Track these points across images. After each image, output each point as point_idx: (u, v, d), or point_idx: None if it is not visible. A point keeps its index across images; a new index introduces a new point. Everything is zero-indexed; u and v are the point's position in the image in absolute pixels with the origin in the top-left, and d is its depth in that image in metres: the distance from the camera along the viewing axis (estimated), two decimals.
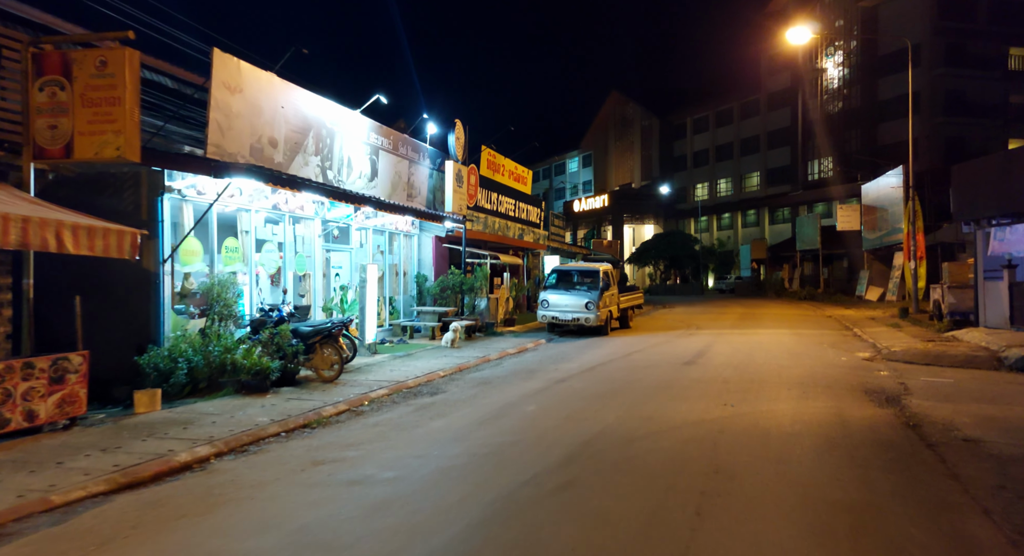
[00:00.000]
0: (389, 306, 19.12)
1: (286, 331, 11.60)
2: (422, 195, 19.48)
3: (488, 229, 23.15)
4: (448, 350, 16.63)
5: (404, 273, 19.97)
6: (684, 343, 18.69)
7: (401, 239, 19.58)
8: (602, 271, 21.33)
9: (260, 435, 8.26)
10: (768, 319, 27.49)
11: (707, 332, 21.96)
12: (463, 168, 20.38)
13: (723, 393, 10.93)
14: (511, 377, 13.03)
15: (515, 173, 26.48)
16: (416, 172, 19.09)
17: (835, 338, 19.87)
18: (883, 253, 35.87)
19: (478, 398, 10.85)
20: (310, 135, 13.99)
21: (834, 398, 10.53)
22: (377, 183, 16.93)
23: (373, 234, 18.14)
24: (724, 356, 15.72)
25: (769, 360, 14.97)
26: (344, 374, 12.76)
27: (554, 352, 17.04)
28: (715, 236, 69.01)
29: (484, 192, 23.31)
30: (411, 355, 15.58)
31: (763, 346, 17.75)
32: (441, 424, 8.93)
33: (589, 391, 11.31)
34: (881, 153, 47.54)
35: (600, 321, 20.56)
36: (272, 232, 14.35)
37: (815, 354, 16.10)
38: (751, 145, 66.70)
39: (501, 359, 15.80)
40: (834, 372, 13.29)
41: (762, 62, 66.02)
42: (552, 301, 20.93)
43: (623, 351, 17.03)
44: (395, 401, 10.75)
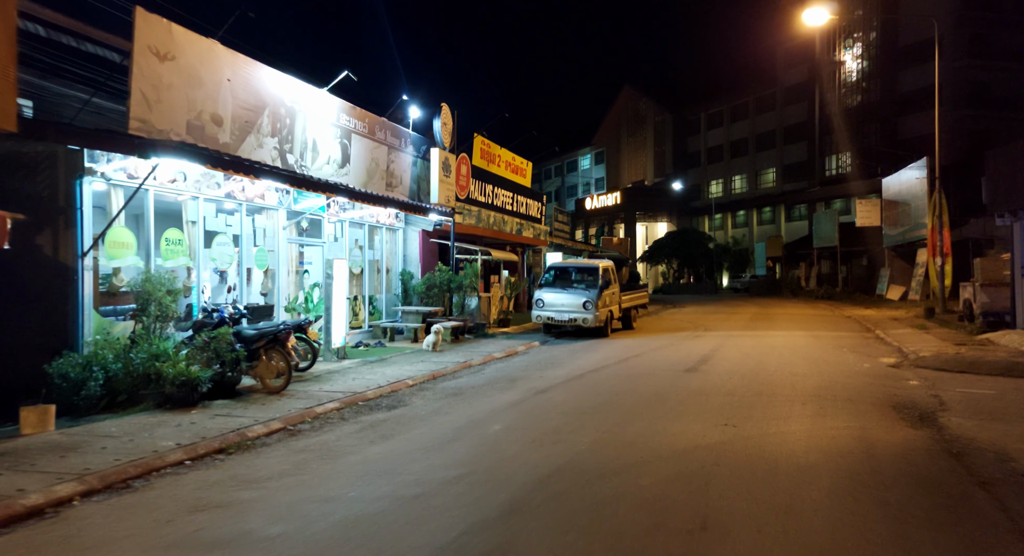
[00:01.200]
0: (370, 306, 17.59)
1: (225, 335, 10.08)
2: (404, 185, 17.92)
3: (482, 223, 21.57)
4: (428, 354, 15.07)
5: (387, 270, 18.43)
6: (689, 346, 17.01)
7: (384, 233, 18.04)
8: (601, 268, 19.69)
9: (154, 465, 6.72)
10: (783, 320, 25.71)
11: (716, 334, 20.25)
12: (451, 156, 18.80)
13: (725, 408, 9.27)
14: (487, 387, 11.44)
15: (513, 164, 24.86)
16: (397, 160, 17.52)
17: (855, 341, 18.10)
18: (905, 250, 33.91)
19: (440, 414, 9.27)
20: (265, 114, 12.47)
21: (857, 416, 8.84)
22: (349, 170, 15.39)
23: (350, 227, 16.61)
24: (731, 362, 14.04)
25: (782, 367, 13.27)
26: (298, 383, 11.23)
27: (545, 356, 15.44)
28: (729, 234, 66.99)
29: (477, 183, 21.73)
30: (384, 360, 14.03)
31: (776, 350, 16.04)
32: (381, 450, 7.35)
33: (570, 405, 9.70)
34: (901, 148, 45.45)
35: (599, 322, 18.93)
36: (226, 223, 12.85)
37: (833, 360, 14.38)
38: (767, 140, 64.64)
39: (484, 365, 14.22)
40: (856, 382, 11.58)
41: (778, 55, 63.95)
42: (548, 300, 19.32)
43: (620, 355, 15.39)
44: (344, 417, 9.19)
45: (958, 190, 32.39)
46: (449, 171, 18.66)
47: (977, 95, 45.56)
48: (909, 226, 31.68)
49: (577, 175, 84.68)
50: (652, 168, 74.19)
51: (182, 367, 9.25)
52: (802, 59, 60.62)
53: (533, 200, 27.19)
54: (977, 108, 44.78)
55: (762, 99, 65.20)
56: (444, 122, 18.61)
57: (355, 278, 16.99)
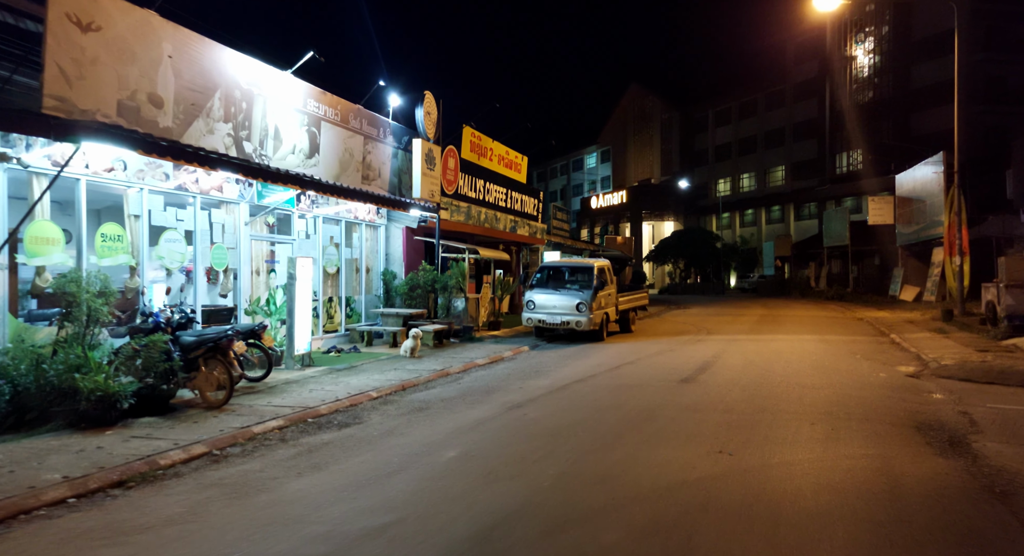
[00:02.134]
0: (347, 308, 16.39)
1: (159, 342, 8.88)
2: (383, 178, 16.71)
3: (472, 220, 20.35)
4: (405, 361, 13.86)
5: (367, 269, 17.23)
6: (688, 352, 15.72)
7: (363, 230, 16.84)
8: (596, 267, 18.42)
9: (24, 505, 5.51)
10: (791, 322, 24.36)
11: (719, 338, 18.95)
12: (435, 148, 17.57)
13: (722, 430, 8.01)
14: (458, 400, 10.21)
15: (506, 158, 23.62)
16: (375, 151, 16.30)
17: (869, 346, 16.77)
18: (920, 249, 32.46)
19: (394, 435, 8.05)
20: (216, 96, 11.28)
21: (876, 439, 7.56)
22: (319, 161, 14.19)
23: (324, 224, 15.42)
24: (733, 370, 12.75)
25: (788, 377, 11.98)
26: (246, 396, 10.04)
27: (531, 363, 14.20)
28: (737, 233, 65.52)
29: (467, 178, 20.50)
30: (354, 368, 12.82)
31: (782, 356, 14.74)
32: (305, 485, 6.14)
33: (544, 424, 8.45)
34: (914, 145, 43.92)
35: (594, 325, 17.67)
36: (177, 218, 11.67)
37: (846, 368, 13.07)
38: (776, 138, 63.16)
39: (463, 373, 12.99)
40: (872, 395, 10.28)
41: (788, 51, 62.48)
42: (539, 302, 18.07)
43: (613, 362, 14.13)
44: (284, 438, 7.98)
45: (975, 187, 30.95)
46: (433, 164, 17.43)
47: (993, 90, 43.99)
48: (924, 224, 30.24)
49: (583, 174, 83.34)
50: (659, 166, 72.81)
51: (99, 380, 8.06)
52: (812, 54, 59.14)
53: (529, 197, 25.92)
54: (993, 103, 43.21)
55: (771, 96, 63.72)
56: (427, 111, 17.37)
57: (330, 278, 15.80)
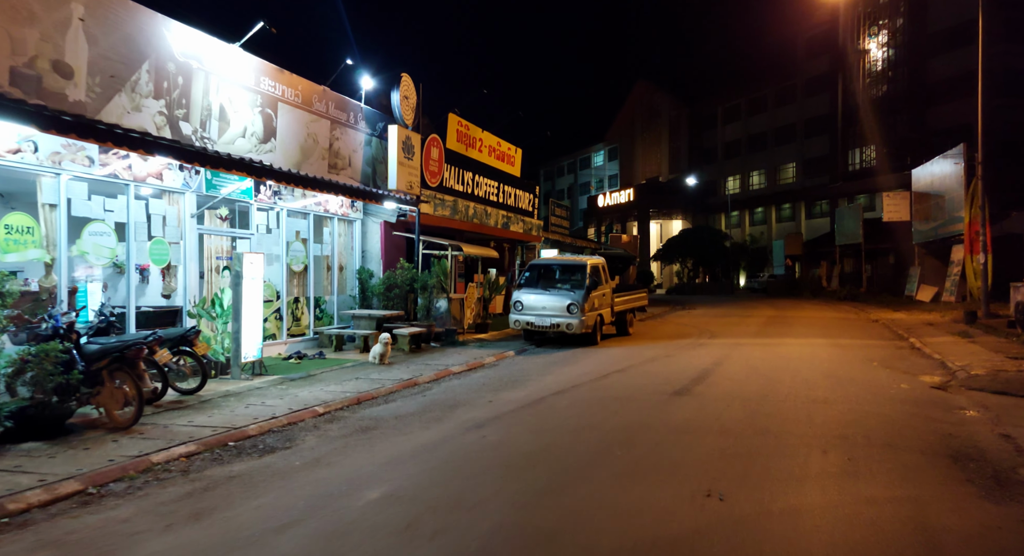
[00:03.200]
0: (317, 309, 15.03)
1: (52, 351, 7.52)
2: (355, 167, 15.30)
3: (459, 215, 18.95)
4: (372, 369, 12.48)
5: (340, 267, 15.86)
6: (687, 358, 14.26)
7: (336, 224, 15.47)
8: (589, 266, 16.98)
9: None
10: (801, 324, 22.82)
11: (722, 341, 17.46)
12: (413, 136, 16.16)
13: (714, 460, 6.57)
14: (414, 418, 8.80)
15: (498, 150, 22.18)
16: (344, 137, 14.89)
17: (887, 352, 15.24)
18: (938, 246, 30.78)
19: (319, 466, 6.66)
20: (143, 69, 9.92)
21: (904, 475, 6.09)
22: (275, 146, 12.82)
23: (289, 217, 14.06)
24: (734, 381, 11.28)
25: (797, 388, 10.50)
26: (169, 413, 8.69)
27: (512, 371, 12.78)
28: (747, 232, 63.76)
29: (453, 170, 19.10)
30: (310, 377, 11.45)
31: (790, 364, 13.25)
32: (164, 546, 4.75)
33: (501, 451, 7.04)
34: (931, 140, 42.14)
35: (586, 328, 16.23)
36: (105, 208, 10.32)
37: (862, 378, 11.57)
38: (786, 134, 61.35)
39: (433, 383, 11.59)
40: (894, 412, 8.80)
41: (799, 45, 60.68)
42: (527, 302, 16.64)
43: (602, 369, 12.69)
44: (186, 470, 6.61)
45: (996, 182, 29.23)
46: (412, 153, 16.03)
47: (1013, 83, 42.19)
48: (942, 220, 28.58)
49: (590, 172, 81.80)
50: (667, 164, 71.18)
51: None
52: (824, 49, 57.36)
53: (524, 191, 24.46)
54: (1014, 97, 41.39)
55: (782, 91, 61.93)
56: (405, 95, 15.96)
57: (297, 277, 14.45)
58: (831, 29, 56.21)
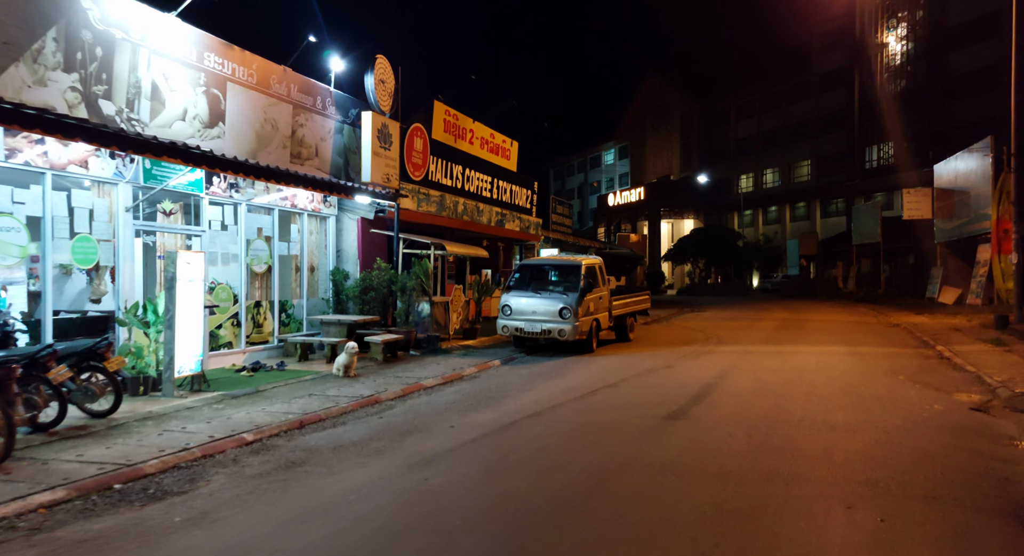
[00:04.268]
0: (283, 314, 13.63)
1: None
2: (322, 157, 13.86)
3: (446, 211, 17.49)
4: (333, 382, 11.06)
5: (311, 268, 14.46)
6: (689, 369, 12.72)
7: (305, 221, 14.06)
8: (584, 266, 15.47)
9: None
10: (816, 329, 21.18)
11: (730, 349, 15.89)
12: (392, 123, 14.69)
13: (705, 518, 5.06)
14: (355, 449, 7.36)
15: (492, 143, 20.70)
16: (309, 123, 13.45)
17: (913, 362, 13.63)
18: (962, 246, 28.97)
19: (198, 527, 5.23)
20: (49, 36, 8.54)
21: (957, 550, 4.56)
22: (224, 132, 11.40)
23: (250, 213, 12.67)
24: (739, 399, 9.74)
25: (812, 410, 8.96)
26: (63, 443, 7.29)
27: (490, 385, 11.31)
28: (760, 231, 61.89)
29: (440, 162, 17.65)
30: (257, 394, 10.03)
31: (805, 377, 11.68)
32: None
33: (439, 505, 5.56)
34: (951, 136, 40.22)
35: (580, 334, 14.74)
36: (14, 200, 8.97)
37: (888, 396, 10.00)
38: (801, 131, 59.42)
39: (398, 400, 10.14)
40: (932, 445, 7.24)
41: (814, 40, 58.72)
42: (516, 306, 15.17)
43: (591, 384, 11.19)
44: (36, 526, 5.21)
45: None
46: (389, 142, 14.57)
47: None
48: (967, 218, 26.79)
49: (600, 171, 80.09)
50: (678, 162, 69.41)
51: None
52: (840, 43, 55.40)
53: (521, 187, 22.93)
54: None
55: (797, 87, 60.00)
56: (381, 79, 14.50)
57: (259, 278, 13.05)
58: (847, 23, 54.28)
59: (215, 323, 11.88)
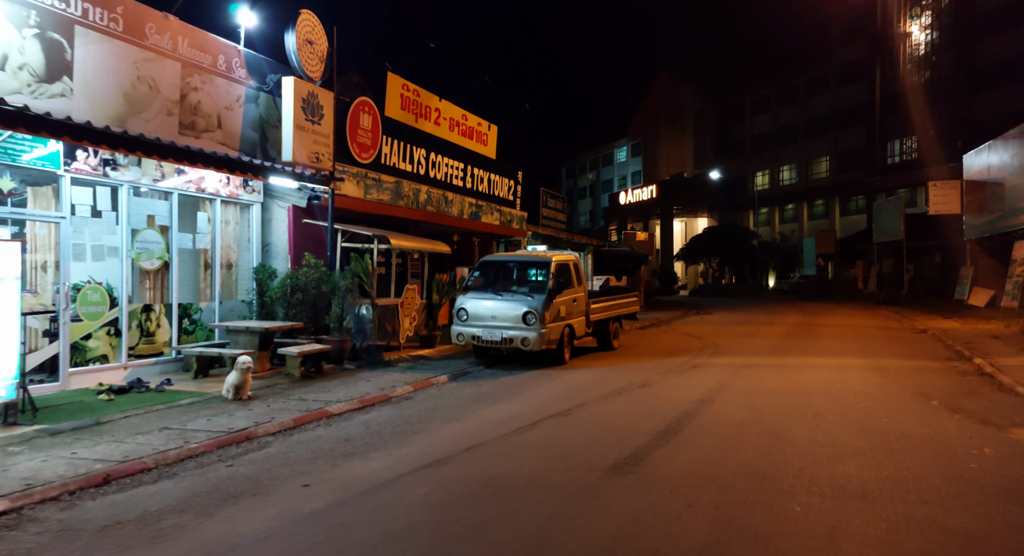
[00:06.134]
0: (186, 320, 11.30)
1: None
2: (227, 130, 11.47)
3: (404, 200, 15.06)
4: (218, 407, 8.70)
5: (227, 265, 12.13)
6: (668, 390, 10.19)
7: (218, 209, 11.72)
8: (555, 263, 12.98)
9: None
10: (831, 335, 18.50)
11: (725, 361, 13.32)
12: (323, 93, 12.26)
13: None
14: (137, 527, 4.99)
15: (464, 125, 18.25)
16: (209, 88, 11.05)
17: (948, 380, 11.00)
18: (995, 243, 26.04)
19: None
20: None
21: None
22: (72, 89, 9.06)
23: (136, 197, 10.36)
24: (719, 439, 7.21)
25: (815, 459, 6.41)
26: None
27: (415, 412, 8.88)
28: (776, 230, 58.86)
29: (398, 145, 15.24)
30: (94, 428, 7.68)
31: (811, 403, 9.11)
32: None
33: None
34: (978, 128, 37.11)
35: (547, 342, 12.28)
36: None
37: (920, 434, 7.42)
38: (819, 126, 56.32)
39: (280, 435, 7.75)
40: (994, 529, 4.68)
41: (833, 31, 55.62)
42: (473, 310, 12.74)
43: (540, 409, 8.71)
44: None
45: None
46: (318, 115, 12.18)
47: None
48: (1002, 212, 23.90)
49: (613, 169, 77.34)
50: (692, 159, 66.54)
51: None
52: (860, 33, 52.29)
53: (501, 176, 20.42)
54: None
55: (814, 80, 56.91)
56: (307, 39, 12.08)
57: (150, 277, 10.74)
58: (868, 12, 51.17)
59: (81, 332, 9.58)
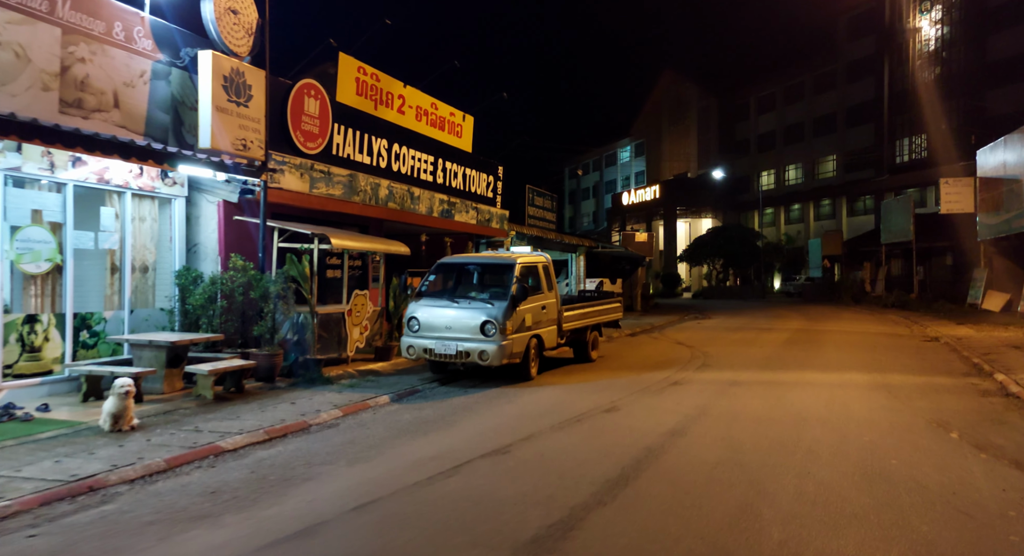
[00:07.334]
0: (86, 332, 9.75)
1: None
2: (129, 110, 9.83)
3: (361, 196, 13.49)
4: (83, 443, 7.15)
5: (144, 268, 10.57)
6: (635, 417, 8.54)
7: (128, 203, 10.16)
8: (520, 266, 11.35)
9: None
10: (834, 344, 16.79)
11: (712, 377, 11.65)
12: (251, 71, 10.59)
13: None
14: None
15: (435, 115, 16.62)
16: (101, 59, 9.37)
17: (967, 402, 9.30)
18: (1012, 244, 24.24)
19: None
20: None
21: None
22: None
23: (17, 188, 8.81)
24: (682, 492, 5.54)
25: (801, 525, 4.74)
26: None
27: (330, 445, 7.30)
28: (782, 231, 56.98)
29: (353, 134, 13.65)
30: None
31: (803, 436, 7.44)
32: None
33: None
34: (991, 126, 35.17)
35: (510, 356, 10.67)
36: None
37: (937, 481, 5.74)
38: (826, 124, 54.44)
39: (138, 483, 6.18)
40: None
41: (839, 26, 53.73)
42: (425, 320, 11.14)
43: (477, 446, 7.09)
44: None
45: None
46: (246, 96, 10.59)
47: None
48: (1019, 211, 22.11)
49: (616, 169, 75.58)
50: (696, 159, 64.73)
51: None
52: (868, 29, 50.39)
53: (478, 171, 18.75)
54: None
55: (821, 77, 55.03)
56: (230, 7, 10.38)
57: (38, 282, 9.19)
58: (876, 7, 49.30)
59: None
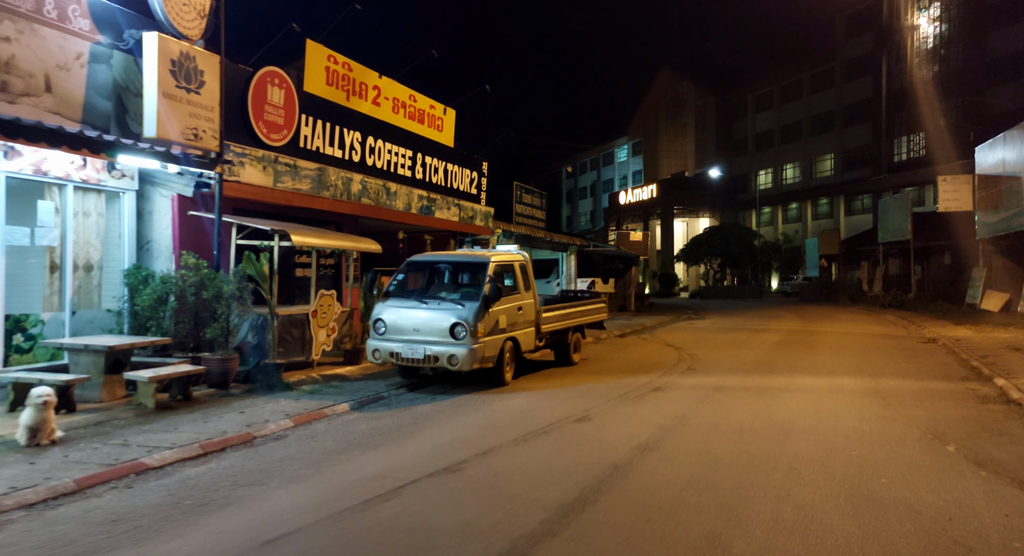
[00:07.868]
0: (20, 335, 9.07)
1: None
2: (64, 96, 9.06)
3: (331, 191, 12.80)
4: (2, 458, 6.46)
5: (87, 266, 9.89)
6: (607, 427, 7.85)
7: (70, 197, 9.47)
8: (494, 264, 10.66)
9: None
10: (827, 346, 16.10)
11: (696, 381, 10.96)
12: (202, 56, 9.87)
13: None
14: None
15: (413, 108, 15.92)
16: (30, 40, 8.59)
17: (965, 410, 8.60)
18: (1011, 242, 23.54)
19: None
20: None
21: None
22: None
23: None
24: (642, 520, 4.84)
25: None
26: None
27: (269, 461, 6.63)
28: (780, 230, 56.30)
29: (323, 126, 12.95)
30: None
31: (786, 450, 6.75)
32: None
33: None
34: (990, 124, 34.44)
35: (482, 360, 9.99)
36: None
37: (931, 502, 5.03)
38: (824, 123, 53.76)
39: (39, 508, 5.49)
40: None
41: (837, 24, 53.05)
42: (392, 322, 10.45)
43: (427, 462, 6.41)
44: None
45: None
46: (196, 82, 9.89)
47: None
48: (1018, 209, 21.41)
49: (613, 168, 74.90)
50: (693, 158, 64.08)
51: None
52: (866, 26, 49.74)
53: (460, 166, 18.03)
54: None
55: (818, 76, 54.36)
56: None
57: None
58: (874, 5, 48.63)
59: None
